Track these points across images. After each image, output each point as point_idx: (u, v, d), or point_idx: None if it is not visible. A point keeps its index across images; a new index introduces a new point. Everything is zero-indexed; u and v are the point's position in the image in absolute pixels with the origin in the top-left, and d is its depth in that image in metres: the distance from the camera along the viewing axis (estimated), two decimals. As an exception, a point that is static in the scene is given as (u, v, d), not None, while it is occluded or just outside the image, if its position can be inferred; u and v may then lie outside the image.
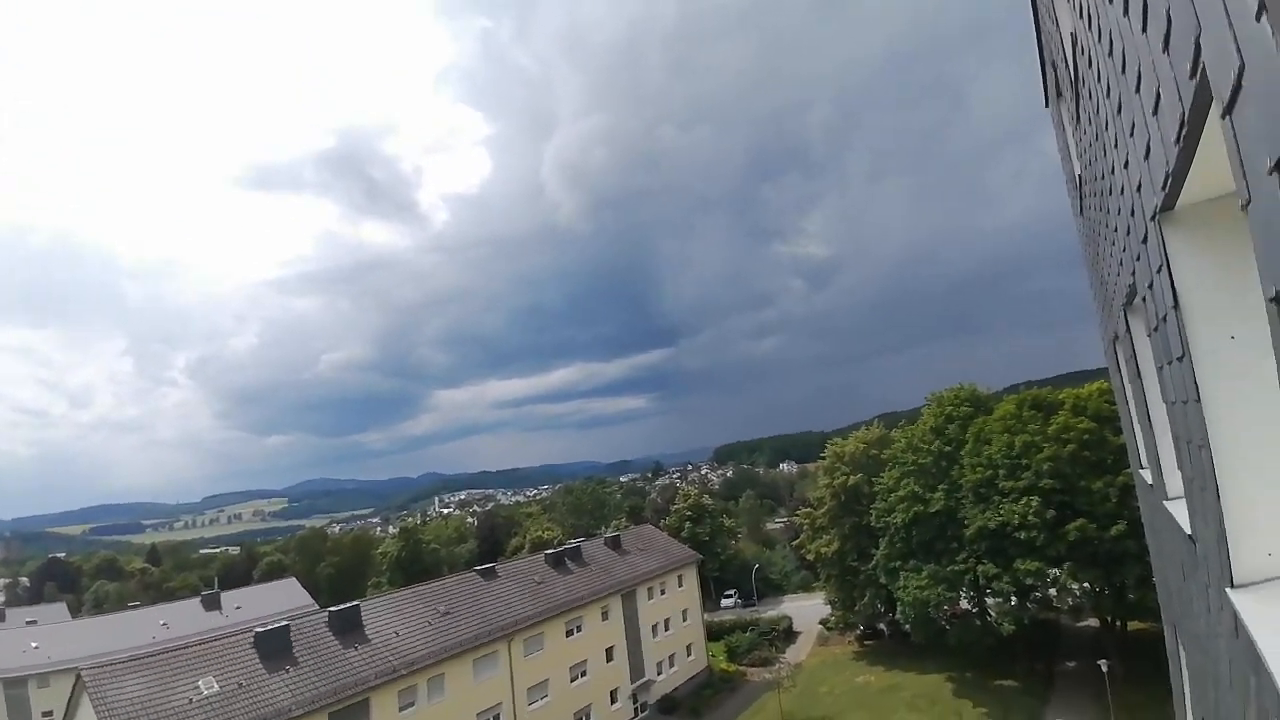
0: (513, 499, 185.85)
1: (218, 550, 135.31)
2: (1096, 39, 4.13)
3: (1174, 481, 5.22)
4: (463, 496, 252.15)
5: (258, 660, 23.04)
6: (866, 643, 41.44)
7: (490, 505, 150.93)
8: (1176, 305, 3.07)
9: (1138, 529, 12.91)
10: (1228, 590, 2.97)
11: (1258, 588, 2.87)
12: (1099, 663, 27.37)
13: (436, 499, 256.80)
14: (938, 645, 34.99)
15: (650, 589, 39.07)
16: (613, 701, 34.62)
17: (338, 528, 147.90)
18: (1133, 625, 31.64)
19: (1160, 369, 4.10)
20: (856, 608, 39.98)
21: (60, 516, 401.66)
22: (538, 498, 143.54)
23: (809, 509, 45.93)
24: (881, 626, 41.11)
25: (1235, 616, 2.72)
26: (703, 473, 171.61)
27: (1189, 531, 4.24)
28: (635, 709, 35.86)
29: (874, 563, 36.97)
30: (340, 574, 73.80)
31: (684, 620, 40.88)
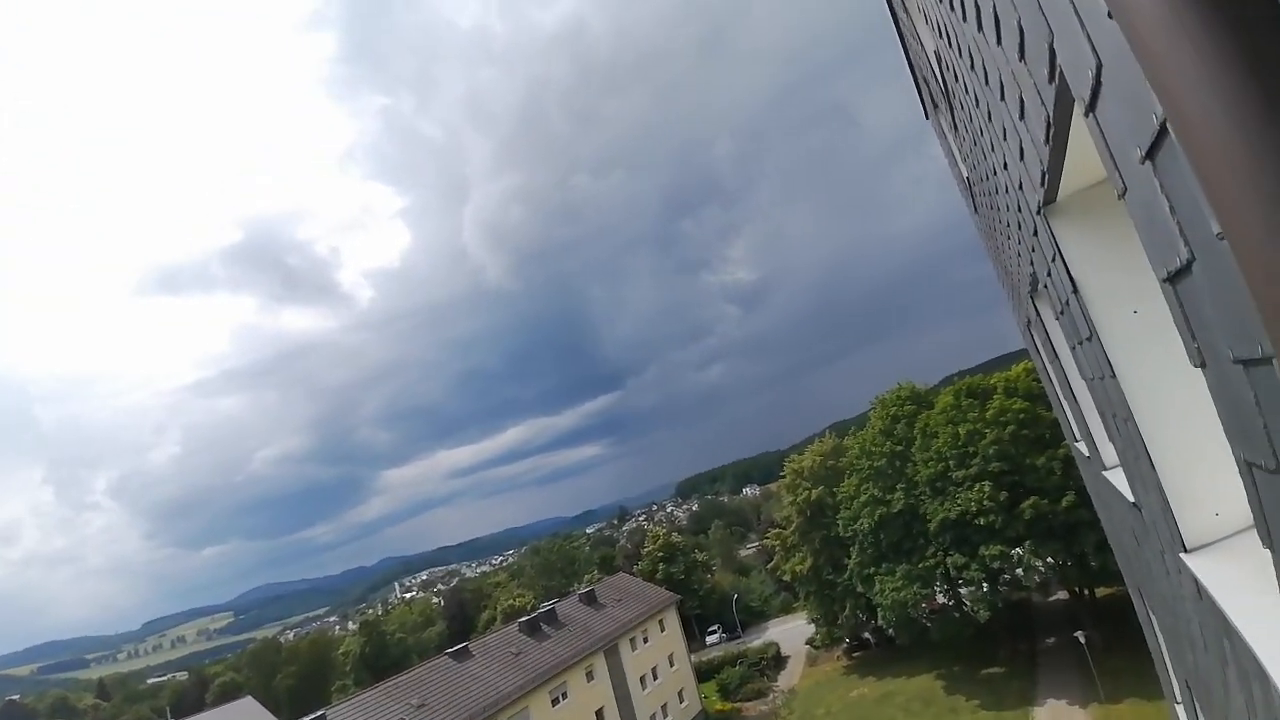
0: (478, 570, 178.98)
1: (165, 678, 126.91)
2: (958, 55, 4.41)
3: (1109, 452, 5.42)
4: (424, 577, 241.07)
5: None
6: (854, 655, 41.32)
7: (455, 581, 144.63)
8: (1076, 290, 3.21)
9: (1086, 498, 13.44)
10: (1182, 555, 3.04)
11: (1211, 549, 2.94)
12: (1076, 635, 28.18)
13: (397, 585, 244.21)
14: (922, 644, 35.24)
15: (633, 639, 38.00)
16: (610, 765, 33.11)
17: (292, 634, 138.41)
18: (1101, 592, 32.76)
19: (1073, 348, 4.29)
20: (839, 621, 39.94)
21: (7, 658, 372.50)
22: (504, 565, 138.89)
23: (778, 530, 46.01)
24: (867, 636, 41.13)
25: (1195, 581, 2.77)
26: (668, 510, 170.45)
27: (1132, 499, 4.38)
28: (635, 769, 34.37)
29: (848, 572, 37.18)
30: (301, 683, 68.78)
31: (671, 665, 39.82)
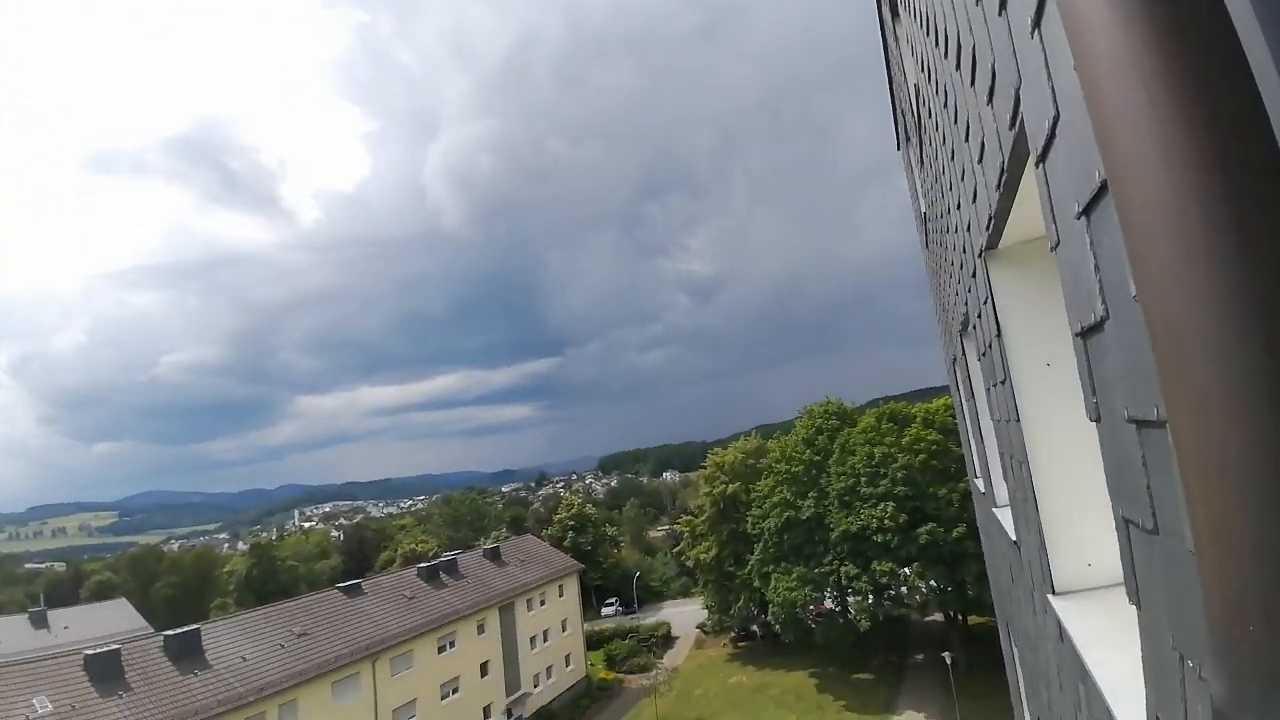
0: (385, 511, 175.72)
1: (43, 566, 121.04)
2: (934, 91, 4.51)
3: (1001, 491, 5.74)
4: (327, 509, 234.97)
5: (89, 683, 20.84)
6: (740, 645, 43.01)
7: (358, 518, 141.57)
8: (999, 334, 3.37)
9: (975, 531, 14.32)
10: (1050, 597, 3.26)
11: (1078, 596, 3.14)
12: (944, 655, 30.27)
13: (296, 513, 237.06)
14: (805, 644, 36.98)
15: (530, 600, 38.30)
16: (486, 717, 33.51)
17: (177, 545, 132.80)
18: (973, 619, 35.12)
19: (989, 390, 4.51)
20: (732, 611, 41.43)
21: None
22: (413, 509, 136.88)
23: (690, 517, 47.11)
24: (754, 628, 42.81)
25: (1059, 623, 2.96)
26: (588, 482, 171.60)
27: (1014, 538, 4.68)
28: (510, 724, 34.91)
29: (749, 567, 38.50)
30: (180, 594, 66.23)
31: (564, 630, 40.42)
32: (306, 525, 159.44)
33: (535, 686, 37.01)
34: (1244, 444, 0.55)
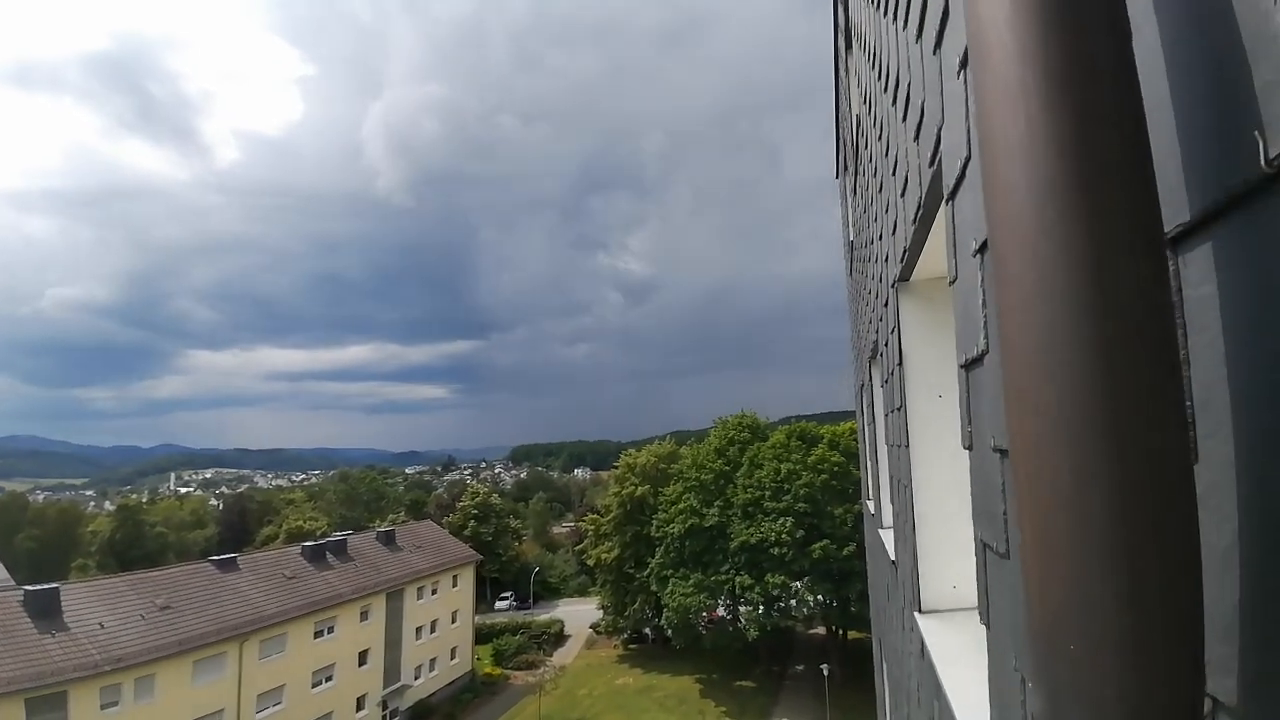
0: (273, 483, 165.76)
1: None
2: (872, 123, 4.72)
3: (888, 512, 6.05)
4: (209, 475, 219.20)
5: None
6: (631, 647, 43.38)
7: (243, 488, 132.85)
8: (901, 363, 3.55)
9: (864, 550, 15.10)
10: (916, 614, 3.46)
11: (941, 615, 3.34)
12: (822, 667, 31.70)
13: (174, 475, 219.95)
14: (694, 649, 37.74)
15: (421, 589, 37.10)
16: (359, 709, 32.16)
17: (41, 496, 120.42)
18: (853, 634, 36.95)
19: (887, 415, 4.75)
20: (627, 613, 41.71)
21: None
22: (305, 483, 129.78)
23: (596, 516, 47.11)
24: (647, 631, 43.30)
25: (922, 640, 3.15)
26: (496, 471, 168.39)
27: (893, 558, 4.94)
28: (384, 716, 33.66)
29: (649, 570, 38.92)
30: (40, 549, 60.56)
31: (453, 622, 39.40)
32: (183, 490, 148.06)
33: (416, 678, 35.89)
34: (1068, 471, 0.59)
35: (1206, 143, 0.67)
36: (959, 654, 2.78)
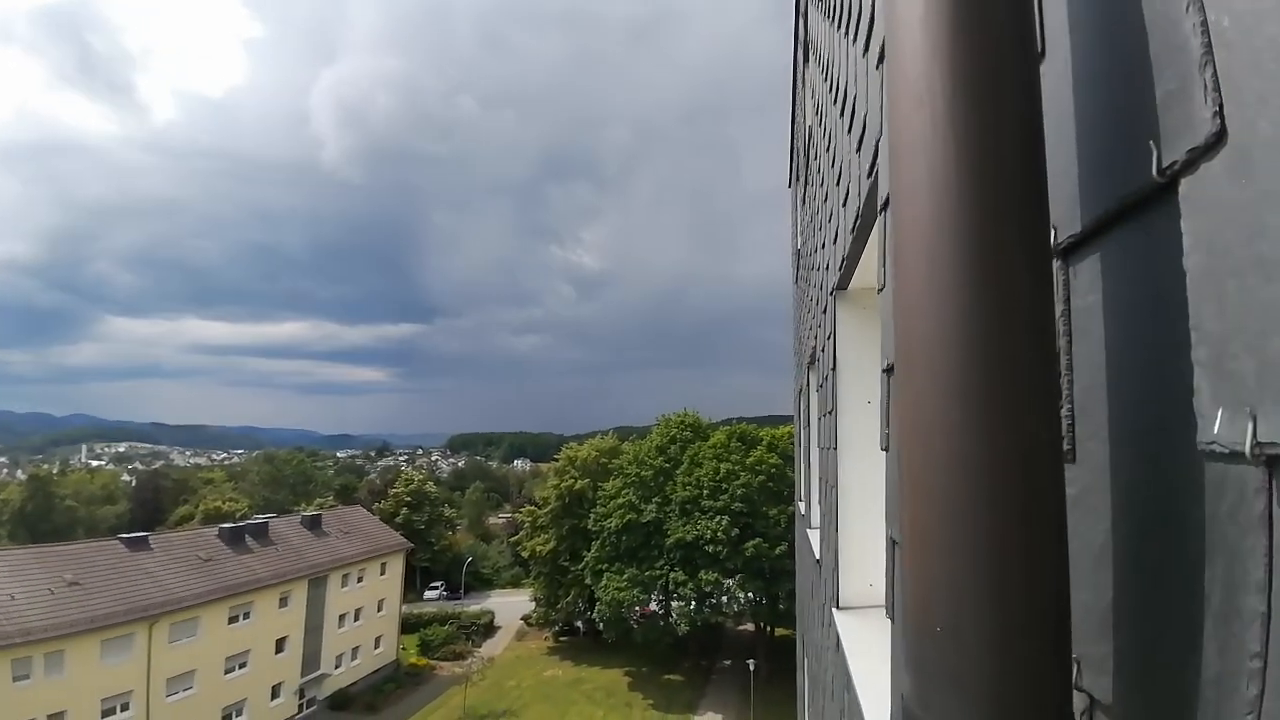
0: (192, 460, 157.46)
1: None
2: (822, 134, 4.84)
3: (816, 513, 6.22)
4: (123, 449, 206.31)
5: None
6: (562, 639, 43.28)
7: (158, 464, 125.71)
8: (835, 369, 3.65)
9: (794, 550, 15.52)
10: (834, 610, 3.57)
11: (856, 612, 3.46)
12: (749, 662, 32.44)
13: (86, 447, 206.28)
14: (625, 643, 37.95)
15: (346, 576, 35.98)
16: (274, 697, 31.00)
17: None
18: (780, 631, 37.91)
19: (820, 419, 4.89)
20: (559, 606, 41.58)
21: None
22: (226, 463, 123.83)
23: (533, 507, 46.74)
24: (579, 624, 43.28)
25: (838, 635, 3.25)
26: (433, 459, 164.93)
27: (818, 556, 5.10)
28: (300, 705, 32.53)
29: (584, 564, 38.89)
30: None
31: (379, 611, 38.39)
32: (95, 463, 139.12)
33: (337, 667, 34.82)
34: (943, 464, 0.62)
35: (1107, 153, 0.70)
36: (869, 648, 2.88)
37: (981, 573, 0.58)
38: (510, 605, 49.10)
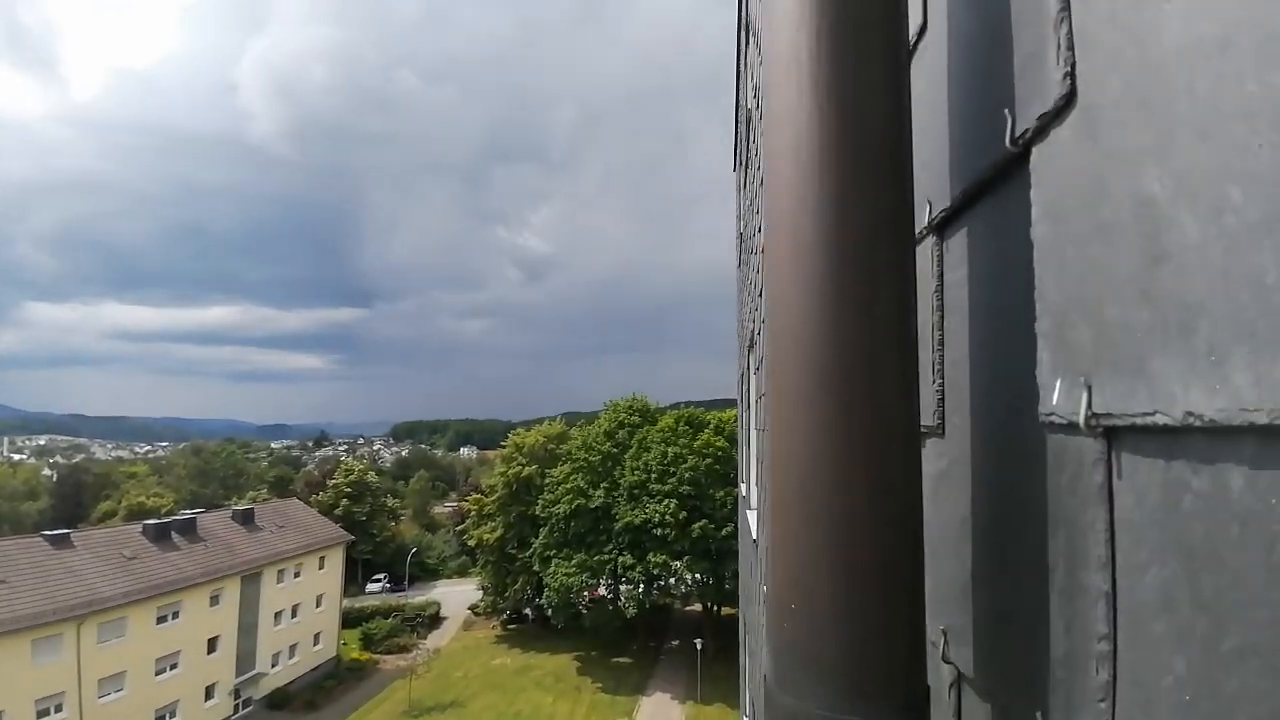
0: (114, 453, 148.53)
1: None
2: (759, 118, 4.89)
3: (755, 494, 6.36)
4: (42, 442, 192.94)
5: None
6: (510, 627, 43.06)
7: (79, 458, 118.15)
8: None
9: (738, 531, 15.87)
10: (764, 588, 3.65)
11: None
12: (696, 641, 33.06)
13: (6, 440, 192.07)
14: (574, 628, 38.07)
15: (282, 571, 34.75)
16: (208, 698, 29.84)
17: None
18: (726, 611, 38.72)
19: (757, 400, 4.98)
20: (507, 594, 41.30)
21: None
22: (151, 456, 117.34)
23: (480, 495, 46.13)
24: (527, 611, 43.13)
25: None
26: (375, 448, 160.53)
27: (755, 536, 5.21)
28: (236, 705, 31.40)
29: (532, 550, 38.69)
30: None
31: (318, 606, 37.25)
32: (15, 457, 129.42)
33: (274, 666, 33.69)
34: (801, 442, 0.61)
35: (974, 125, 0.68)
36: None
37: (832, 549, 0.57)
38: (457, 595, 48.47)
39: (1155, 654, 0.51)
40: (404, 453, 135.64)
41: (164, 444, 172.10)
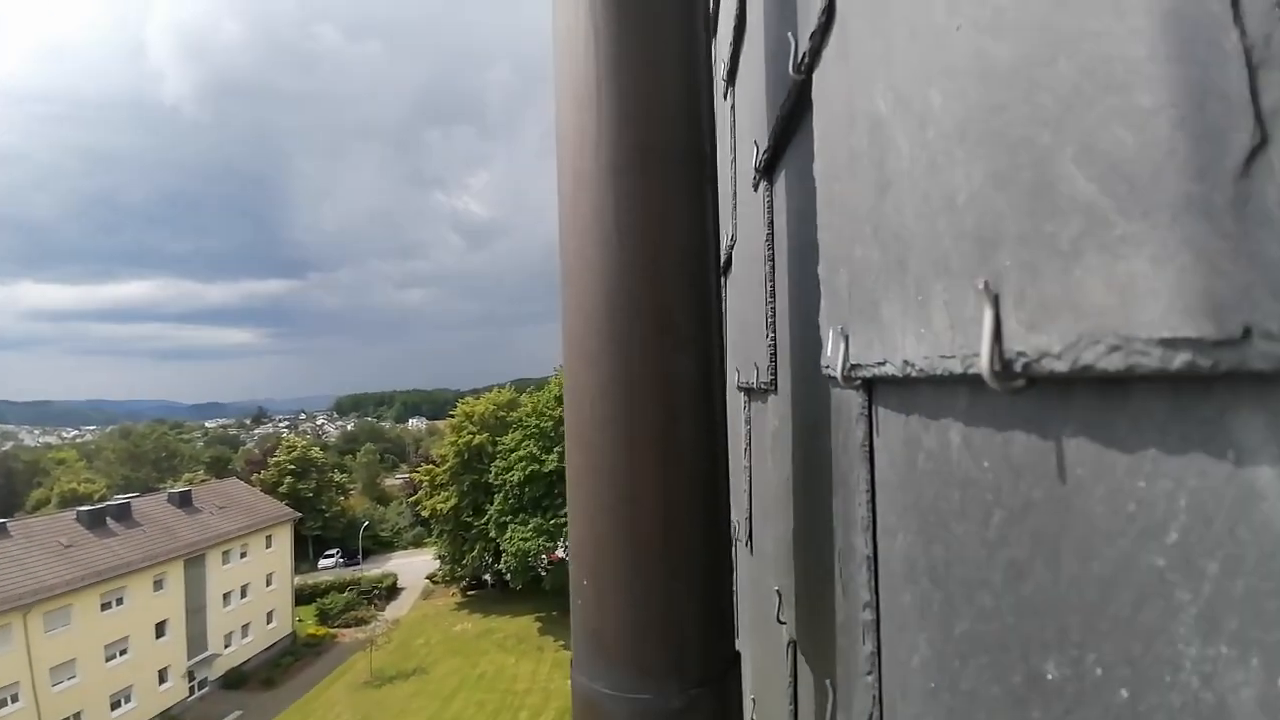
0: (41, 439, 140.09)
1: None
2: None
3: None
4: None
5: None
6: (470, 594, 43.26)
7: (7, 446, 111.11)
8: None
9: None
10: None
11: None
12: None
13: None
14: (534, 591, 38.52)
15: (227, 552, 33.88)
16: (161, 681, 29.32)
17: None
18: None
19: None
20: (465, 561, 41.32)
21: None
22: (78, 440, 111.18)
23: (431, 466, 45.59)
24: (486, 578, 43.33)
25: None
26: (319, 423, 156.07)
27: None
28: (191, 687, 30.85)
29: (487, 518, 38.66)
30: None
31: (268, 585, 36.58)
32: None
33: (226, 646, 33.12)
34: (584, 398, 0.57)
35: (780, 58, 0.57)
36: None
37: (617, 527, 0.52)
38: (414, 566, 48.27)
39: (904, 629, 0.47)
40: (350, 426, 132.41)
41: (91, 427, 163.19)
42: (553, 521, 36.10)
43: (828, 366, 0.50)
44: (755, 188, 0.76)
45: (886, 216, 0.44)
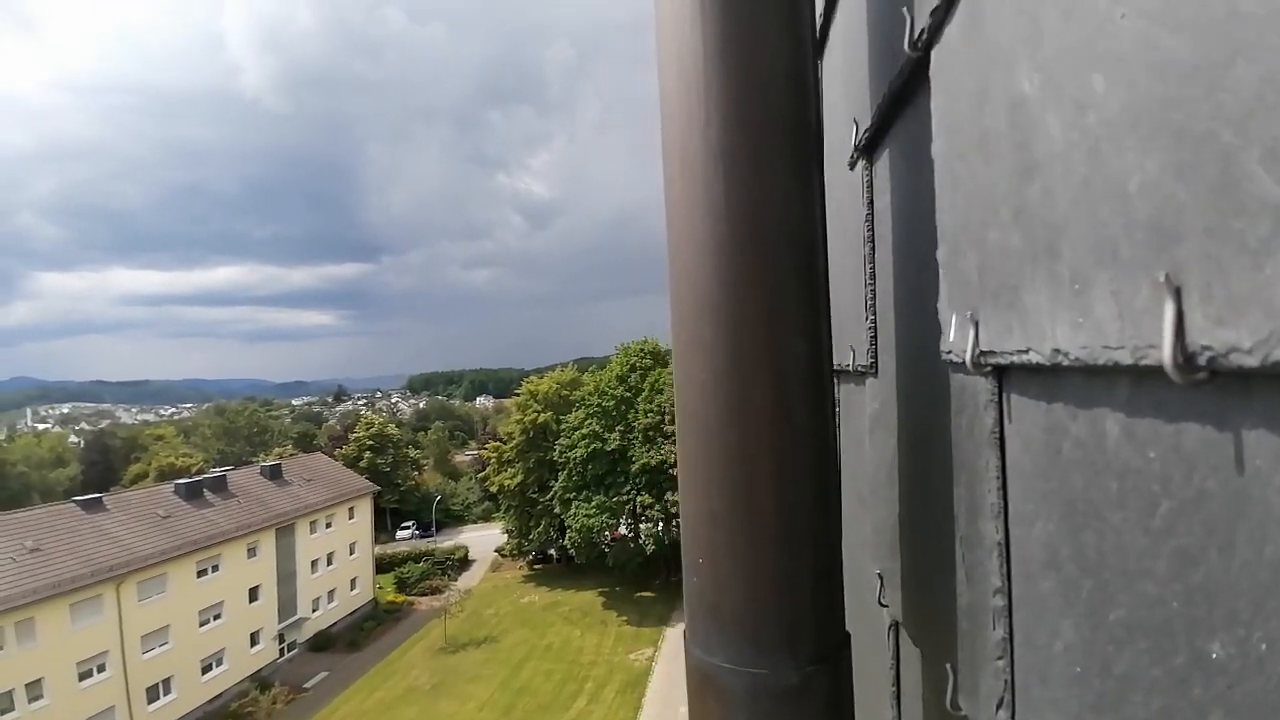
0: (139, 418, 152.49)
1: None
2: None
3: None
4: (66, 410, 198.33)
5: None
6: (536, 567, 44.64)
7: (105, 424, 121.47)
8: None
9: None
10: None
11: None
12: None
13: (30, 411, 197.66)
14: (598, 566, 39.39)
15: (314, 523, 36.03)
16: (253, 644, 31.49)
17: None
18: (740, 542, 39.82)
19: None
20: (531, 536, 42.61)
21: None
22: (175, 418, 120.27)
23: (498, 443, 46.99)
24: (552, 552, 44.57)
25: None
26: (393, 401, 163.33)
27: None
28: (281, 649, 33.17)
29: (552, 494, 39.66)
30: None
31: (351, 554, 38.80)
32: (40, 427, 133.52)
33: (315, 610, 35.36)
34: (698, 384, 0.57)
35: (885, 34, 0.57)
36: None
37: (733, 503, 0.54)
38: (483, 539, 50.12)
39: (1044, 615, 0.46)
40: (422, 404, 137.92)
41: (188, 405, 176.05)
42: (615, 499, 36.70)
43: (950, 351, 0.49)
44: (852, 167, 0.74)
45: (1031, 201, 0.43)
